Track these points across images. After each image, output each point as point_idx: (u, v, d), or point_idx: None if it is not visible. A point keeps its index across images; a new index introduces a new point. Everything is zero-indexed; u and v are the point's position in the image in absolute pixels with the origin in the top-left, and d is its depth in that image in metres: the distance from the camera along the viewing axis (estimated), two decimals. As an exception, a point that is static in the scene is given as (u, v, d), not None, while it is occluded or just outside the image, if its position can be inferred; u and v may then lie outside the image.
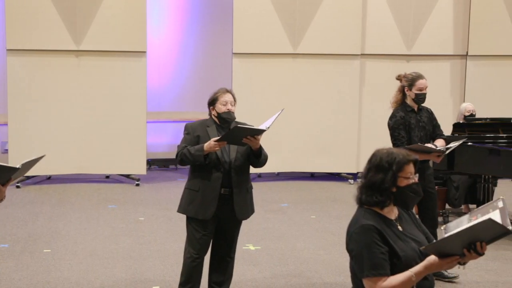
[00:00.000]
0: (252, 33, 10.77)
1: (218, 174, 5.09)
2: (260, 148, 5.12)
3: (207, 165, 5.07)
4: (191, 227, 5.21)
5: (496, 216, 2.95)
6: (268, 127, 5.02)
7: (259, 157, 5.15)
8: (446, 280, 6.23)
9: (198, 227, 5.16)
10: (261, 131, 4.98)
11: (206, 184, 5.10)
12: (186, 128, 5.26)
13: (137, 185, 10.57)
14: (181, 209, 5.25)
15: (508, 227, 2.90)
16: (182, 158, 5.12)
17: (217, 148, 5.02)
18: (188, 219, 5.25)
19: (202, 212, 5.12)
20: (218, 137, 5.01)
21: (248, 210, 5.27)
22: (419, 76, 6.28)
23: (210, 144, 4.99)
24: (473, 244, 2.98)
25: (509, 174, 7.86)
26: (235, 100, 5.25)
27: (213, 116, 5.25)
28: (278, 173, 11.52)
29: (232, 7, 10.73)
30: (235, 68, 10.80)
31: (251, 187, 5.32)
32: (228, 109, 5.17)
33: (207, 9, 12.35)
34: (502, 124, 8.54)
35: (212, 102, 5.23)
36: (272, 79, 10.90)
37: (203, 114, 5.44)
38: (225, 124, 5.21)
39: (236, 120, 5.28)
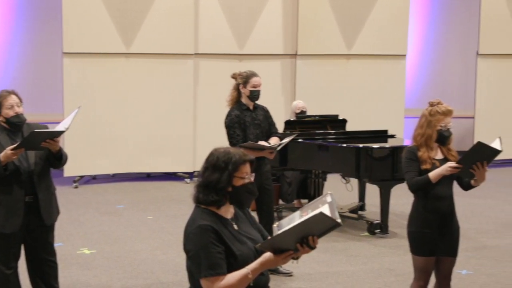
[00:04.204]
0: (83, 32, 10.51)
1: (19, 183, 4.78)
2: (60, 149, 4.87)
3: (6, 176, 4.73)
4: None
5: (325, 210, 3.06)
6: (67, 128, 4.79)
7: (60, 159, 4.90)
8: (281, 274, 6.41)
9: (4, 240, 4.82)
10: (59, 133, 4.74)
11: (8, 196, 4.77)
12: None
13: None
14: None
15: (337, 220, 3.02)
16: None
17: (14, 157, 4.70)
18: None
19: (8, 225, 4.78)
20: (14, 145, 4.68)
21: (54, 213, 5.01)
22: (253, 74, 6.44)
23: (6, 153, 4.65)
24: (305, 238, 3.08)
25: (337, 169, 8.20)
26: (21, 101, 4.93)
27: (1, 123, 4.89)
28: (114, 175, 11.33)
29: (61, 5, 10.42)
30: (66, 68, 10.50)
31: (54, 189, 5.06)
32: (16, 112, 4.84)
33: (34, 7, 11.91)
34: (330, 121, 8.92)
35: None
36: (105, 79, 10.70)
37: (31, 115, 5.17)
38: (16, 128, 4.88)
39: (28, 122, 4.96)
